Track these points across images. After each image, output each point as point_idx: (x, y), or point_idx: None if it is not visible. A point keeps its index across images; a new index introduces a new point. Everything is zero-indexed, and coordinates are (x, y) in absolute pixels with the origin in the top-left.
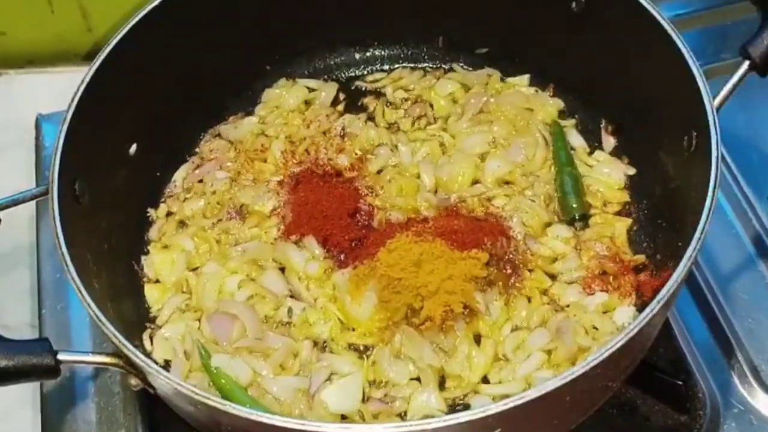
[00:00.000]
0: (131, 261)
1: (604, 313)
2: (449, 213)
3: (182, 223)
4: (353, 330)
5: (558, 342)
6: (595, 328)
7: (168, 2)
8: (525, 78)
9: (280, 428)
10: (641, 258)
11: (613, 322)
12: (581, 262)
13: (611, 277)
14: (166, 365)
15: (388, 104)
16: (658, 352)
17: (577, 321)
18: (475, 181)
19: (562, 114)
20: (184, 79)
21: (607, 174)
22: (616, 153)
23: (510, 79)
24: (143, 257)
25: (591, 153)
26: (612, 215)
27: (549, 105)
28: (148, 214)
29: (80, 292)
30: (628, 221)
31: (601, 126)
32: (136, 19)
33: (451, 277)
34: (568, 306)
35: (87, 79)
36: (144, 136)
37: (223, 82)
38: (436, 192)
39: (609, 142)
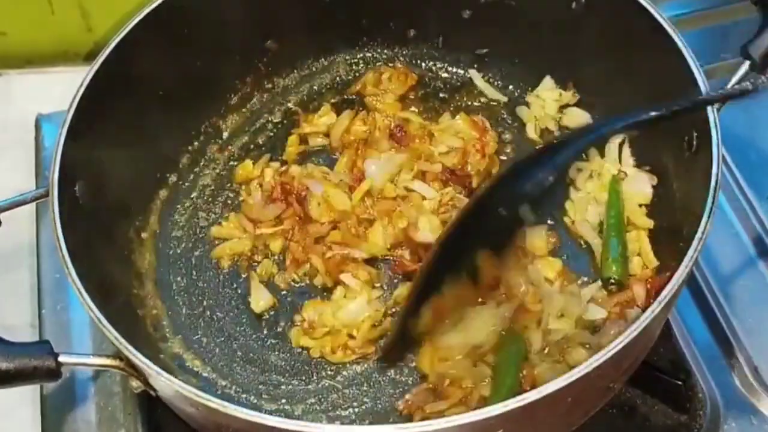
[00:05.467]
0: (132, 261)
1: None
2: None
3: None
4: None
5: None
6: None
7: (169, 2)
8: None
9: (280, 429)
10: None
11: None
12: None
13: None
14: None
15: None
16: (658, 352)
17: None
18: None
19: None
20: (185, 80)
21: (636, 189)
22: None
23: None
24: None
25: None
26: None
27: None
28: None
29: (80, 293)
30: (650, 223)
31: None
32: (137, 19)
33: None
34: None
35: (87, 79)
36: (144, 137)
37: (225, 82)
38: None
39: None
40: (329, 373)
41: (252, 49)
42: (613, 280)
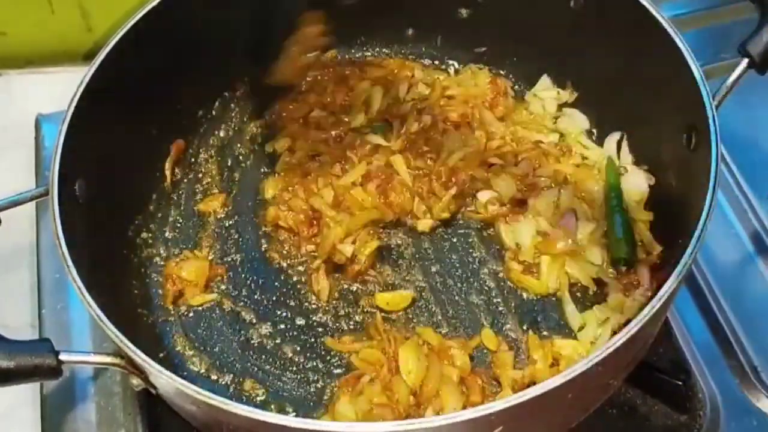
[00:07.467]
0: (132, 259)
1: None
2: None
3: None
4: None
5: None
6: None
7: (168, 2)
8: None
9: (280, 427)
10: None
11: None
12: None
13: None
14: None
15: None
16: (658, 352)
17: None
18: None
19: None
20: (185, 79)
21: (633, 186)
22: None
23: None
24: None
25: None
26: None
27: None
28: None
29: (81, 292)
30: (649, 215)
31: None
32: (136, 18)
33: None
34: None
35: (87, 79)
36: (144, 136)
37: (224, 82)
38: None
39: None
40: (330, 371)
41: (251, 48)
42: (623, 260)
